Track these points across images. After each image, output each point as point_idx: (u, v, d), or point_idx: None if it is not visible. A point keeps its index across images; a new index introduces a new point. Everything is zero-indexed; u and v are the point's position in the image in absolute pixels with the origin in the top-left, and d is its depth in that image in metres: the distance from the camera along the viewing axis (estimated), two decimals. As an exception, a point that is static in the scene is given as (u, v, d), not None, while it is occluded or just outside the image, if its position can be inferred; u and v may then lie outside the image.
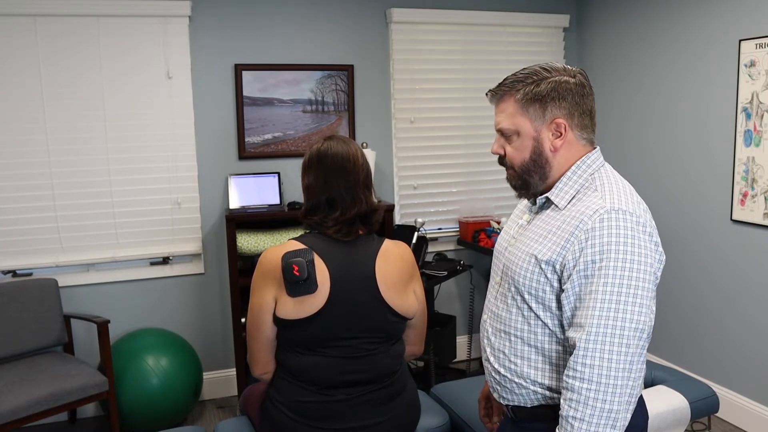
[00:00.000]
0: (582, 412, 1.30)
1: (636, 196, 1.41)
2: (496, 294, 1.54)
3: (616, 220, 1.32)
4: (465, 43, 3.93)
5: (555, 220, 1.41)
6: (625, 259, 1.30)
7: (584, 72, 1.46)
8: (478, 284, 4.12)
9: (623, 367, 1.29)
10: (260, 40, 3.56)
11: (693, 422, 2.64)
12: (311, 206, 1.82)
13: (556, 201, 1.43)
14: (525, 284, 1.42)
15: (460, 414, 2.25)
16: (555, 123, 1.41)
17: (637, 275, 1.30)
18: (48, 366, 2.97)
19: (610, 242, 1.30)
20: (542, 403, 1.45)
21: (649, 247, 1.34)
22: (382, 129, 3.86)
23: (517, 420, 1.52)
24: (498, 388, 1.53)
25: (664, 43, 3.54)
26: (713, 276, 3.34)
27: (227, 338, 3.67)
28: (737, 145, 3.12)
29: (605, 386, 1.29)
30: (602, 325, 1.29)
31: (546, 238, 1.40)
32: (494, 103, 1.50)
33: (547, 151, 1.43)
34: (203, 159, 3.53)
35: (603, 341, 1.29)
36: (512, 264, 1.47)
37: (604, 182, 1.41)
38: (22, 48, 3.16)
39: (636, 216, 1.34)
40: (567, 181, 1.43)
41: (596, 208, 1.34)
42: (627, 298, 1.29)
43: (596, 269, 1.31)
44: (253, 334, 1.80)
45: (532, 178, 1.45)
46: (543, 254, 1.38)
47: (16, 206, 3.23)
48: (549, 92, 1.40)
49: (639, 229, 1.33)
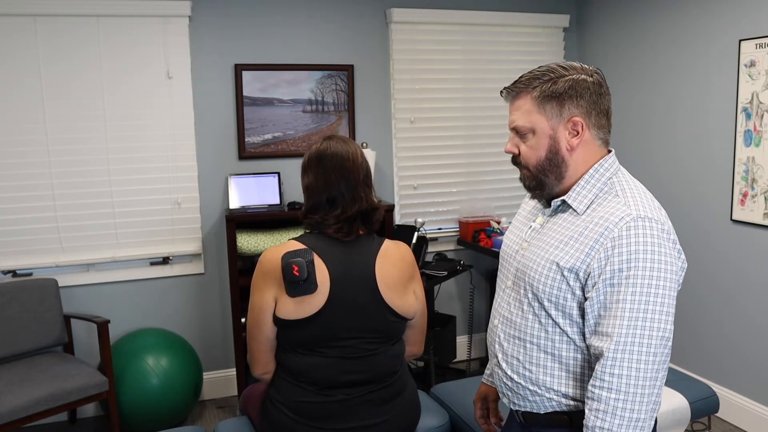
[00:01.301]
0: (609, 422, 1.29)
1: (656, 201, 1.40)
2: (508, 299, 1.51)
3: (642, 228, 1.31)
4: (465, 43, 3.93)
5: (575, 225, 1.38)
6: (653, 267, 1.29)
7: (601, 71, 1.43)
8: (478, 284, 4.12)
9: (651, 376, 1.29)
10: (260, 40, 3.56)
11: (693, 422, 2.64)
12: (312, 206, 1.82)
13: (574, 205, 1.40)
14: (545, 291, 1.39)
15: (460, 414, 2.25)
16: (572, 121, 1.38)
17: (663, 284, 1.29)
18: (48, 366, 2.97)
19: (638, 251, 1.29)
20: (556, 409, 1.44)
21: (674, 254, 1.33)
22: (382, 129, 3.85)
23: (528, 425, 1.50)
24: (509, 394, 1.51)
25: (664, 43, 3.54)
26: (713, 276, 3.34)
27: (227, 338, 3.67)
28: (737, 145, 3.12)
29: (633, 395, 1.28)
30: (630, 335, 1.28)
31: (567, 244, 1.37)
32: (509, 101, 1.46)
33: (563, 150, 1.40)
34: (203, 159, 3.53)
35: (631, 351, 1.28)
36: (528, 269, 1.43)
37: (624, 187, 1.39)
38: (22, 48, 3.16)
39: (660, 223, 1.33)
40: (585, 185, 1.40)
41: (622, 215, 1.32)
42: (654, 306, 1.29)
43: (623, 278, 1.29)
44: (253, 334, 1.80)
45: (548, 178, 1.42)
46: (566, 261, 1.36)
47: (16, 206, 3.23)
48: (567, 90, 1.37)
49: (664, 236, 1.32)
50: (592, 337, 1.35)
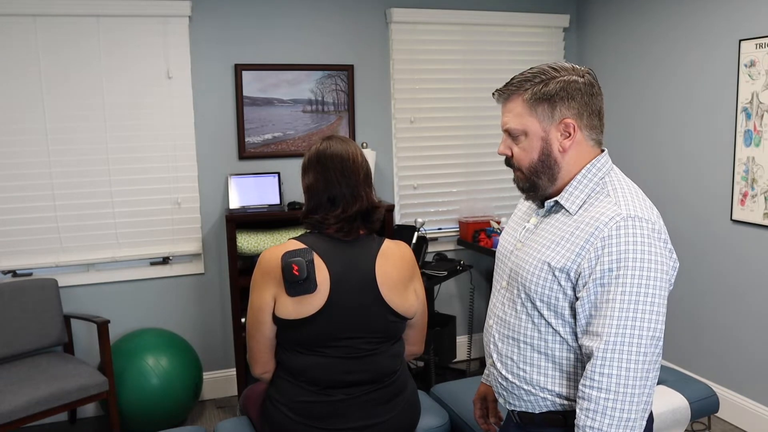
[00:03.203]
0: (600, 421, 1.29)
1: (648, 201, 1.40)
2: (503, 299, 1.51)
3: (633, 227, 1.30)
4: (465, 43, 3.93)
5: (567, 225, 1.39)
6: (642, 267, 1.29)
7: (593, 72, 1.43)
8: (478, 284, 4.12)
9: (641, 375, 1.29)
10: (260, 40, 3.56)
11: (693, 422, 2.64)
12: (313, 206, 1.82)
13: (566, 205, 1.41)
14: (537, 291, 1.40)
15: (460, 414, 2.25)
16: (564, 123, 1.38)
17: (654, 283, 1.29)
18: (48, 366, 2.97)
19: (627, 250, 1.29)
20: (551, 409, 1.44)
21: (665, 254, 1.33)
22: (382, 129, 3.85)
23: (524, 425, 1.50)
24: (504, 394, 1.51)
25: (664, 43, 3.54)
26: (713, 276, 3.34)
27: (227, 338, 3.67)
28: (737, 145, 3.12)
29: (623, 395, 1.28)
30: (620, 334, 1.28)
31: (559, 244, 1.38)
32: (501, 103, 1.46)
33: (555, 152, 1.40)
34: (203, 159, 3.53)
35: (621, 350, 1.28)
36: (521, 270, 1.44)
37: (616, 187, 1.39)
38: (21, 48, 3.16)
39: (651, 223, 1.32)
40: (577, 185, 1.41)
41: (612, 215, 1.32)
42: (644, 306, 1.28)
43: (613, 277, 1.29)
44: (253, 334, 1.80)
45: (541, 179, 1.43)
46: (557, 261, 1.36)
47: (16, 206, 3.23)
48: (558, 92, 1.37)
49: (655, 236, 1.32)
50: (583, 337, 1.35)
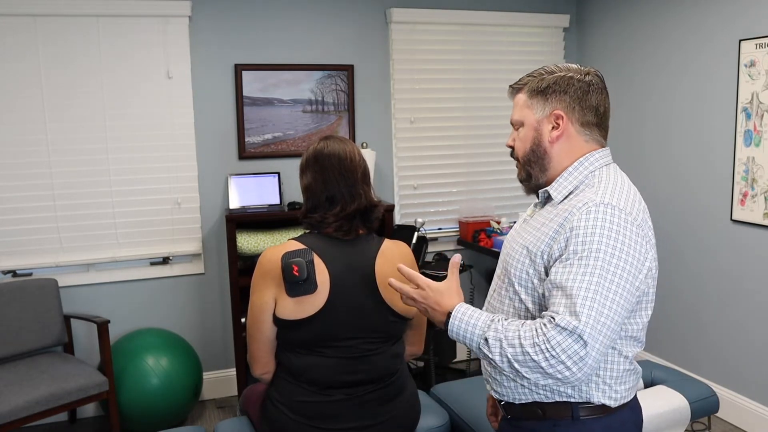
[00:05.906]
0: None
1: (635, 195, 1.40)
2: (495, 287, 1.56)
3: (603, 213, 1.31)
4: (465, 43, 3.93)
5: (550, 213, 1.43)
6: (607, 251, 1.28)
7: (599, 73, 1.48)
8: (478, 284, 4.12)
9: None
10: (260, 40, 3.56)
11: (693, 422, 2.63)
12: (312, 206, 1.83)
13: (553, 195, 1.45)
14: (516, 275, 1.44)
15: (460, 414, 2.25)
16: (554, 115, 1.44)
17: (619, 271, 1.28)
18: (48, 366, 2.97)
19: (594, 233, 1.29)
20: (530, 399, 1.45)
21: (637, 242, 1.31)
22: (382, 129, 3.85)
23: (510, 418, 1.52)
24: (490, 380, 1.54)
25: (664, 43, 3.53)
26: (713, 276, 3.34)
27: (227, 338, 3.67)
28: (737, 145, 3.12)
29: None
30: (582, 297, 1.26)
31: (539, 230, 1.42)
32: (511, 98, 1.56)
33: (545, 143, 1.46)
34: (203, 159, 3.53)
35: (585, 296, 1.26)
36: (509, 257, 1.49)
37: (602, 179, 1.41)
38: (22, 48, 3.16)
39: (626, 213, 1.32)
40: (567, 176, 1.44)
41: (585, 201, 1.35)
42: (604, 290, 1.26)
43: (576, 259, 1.29)
44: (253, 334, 1.80)
45: (533, 169, 1.49)
46: (533, 245, 1.40)
47: (16, 206, 3.23)
48: (551, 85, 1.44)
49: (626, 224, 1.31)
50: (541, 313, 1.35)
